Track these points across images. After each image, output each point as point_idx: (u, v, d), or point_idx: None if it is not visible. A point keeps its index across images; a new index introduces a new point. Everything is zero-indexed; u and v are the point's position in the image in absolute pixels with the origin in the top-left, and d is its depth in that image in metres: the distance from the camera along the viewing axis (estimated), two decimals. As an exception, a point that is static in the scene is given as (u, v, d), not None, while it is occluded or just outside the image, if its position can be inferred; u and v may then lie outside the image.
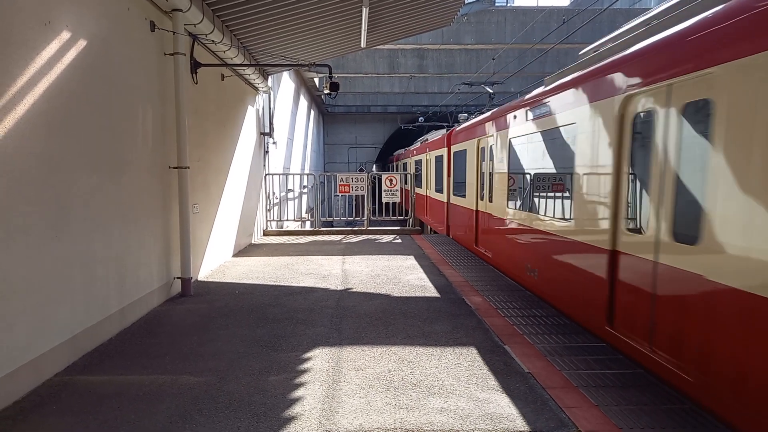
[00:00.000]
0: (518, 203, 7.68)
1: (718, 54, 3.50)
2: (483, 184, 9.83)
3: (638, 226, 4.57)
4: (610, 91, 4.92)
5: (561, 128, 6.06)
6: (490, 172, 9.17)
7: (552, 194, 6.44)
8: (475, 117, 11.99)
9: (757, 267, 3.10)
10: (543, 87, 6.83)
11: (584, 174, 5.44)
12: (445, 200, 13.91)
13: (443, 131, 15.91)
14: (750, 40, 3.20)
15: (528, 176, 7.28)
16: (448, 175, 13.53)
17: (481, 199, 9.96)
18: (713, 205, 3.50)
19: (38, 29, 4.18)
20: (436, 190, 15.51)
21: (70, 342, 4.60)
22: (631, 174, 4.67)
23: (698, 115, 3.77)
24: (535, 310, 6.26)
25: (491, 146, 9.09)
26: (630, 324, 4.53)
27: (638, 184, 4.56)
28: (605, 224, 4.97)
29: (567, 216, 5.92)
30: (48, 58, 4.28)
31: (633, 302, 4.48)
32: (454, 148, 12.74)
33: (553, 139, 6.33)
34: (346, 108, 30.51)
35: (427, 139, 19.04)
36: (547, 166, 6.57)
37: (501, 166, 8.44)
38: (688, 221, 3.82)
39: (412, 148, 23.15)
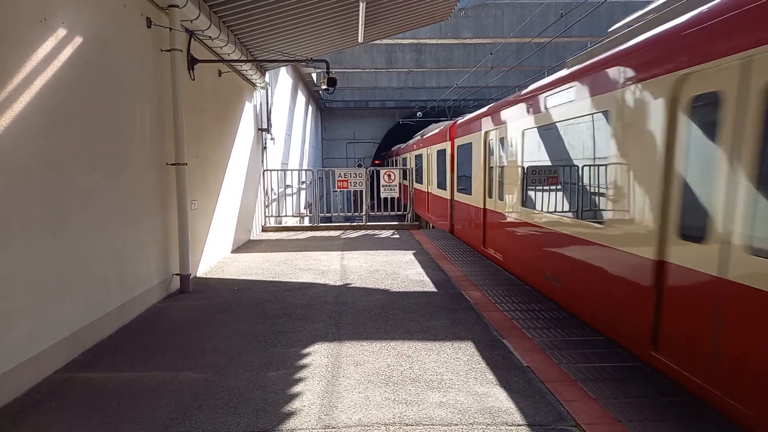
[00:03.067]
0: None
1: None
2: None
3: None
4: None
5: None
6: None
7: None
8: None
9: None
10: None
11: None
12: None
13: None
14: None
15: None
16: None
17: None
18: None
19: (34, 26, 4.16)
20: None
21: (69, 339, 4.60)
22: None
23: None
24: (533, 305, 6.27)
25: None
26: None
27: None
28: None
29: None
30: (44, 55, 4.26)
31: None
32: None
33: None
34: (344, 103, 30.47)
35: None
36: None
37: None
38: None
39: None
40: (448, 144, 13.09)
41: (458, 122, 12.45)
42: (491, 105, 9.14)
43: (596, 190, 5.28)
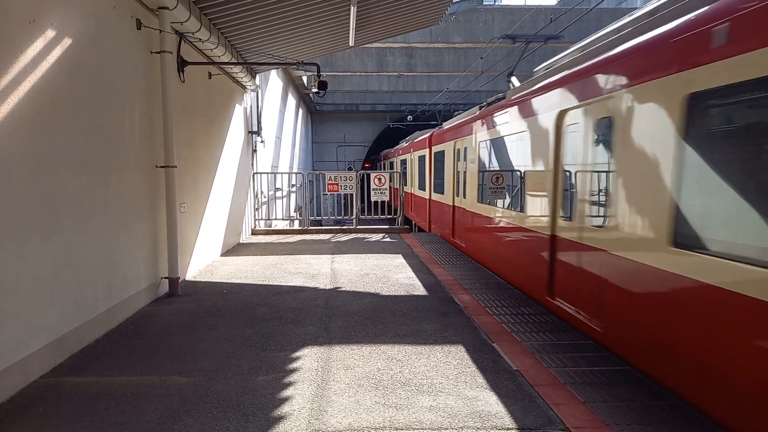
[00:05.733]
0: None
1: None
2: None
3: None
4: None
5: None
6: None
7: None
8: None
9: None
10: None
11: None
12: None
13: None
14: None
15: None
16: None
17: None
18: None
19: (23, 27, 4.13)
20: None
21: (57, 342, 4.56)
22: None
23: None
24: (523, 308, 6.30)
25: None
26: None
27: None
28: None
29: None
30: (33, 56, 4.23)
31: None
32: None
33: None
34: (334, 106, 30.45)
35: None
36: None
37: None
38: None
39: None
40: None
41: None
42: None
43: None
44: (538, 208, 6.55)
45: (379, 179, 14.34)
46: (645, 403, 3.77)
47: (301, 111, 24.84)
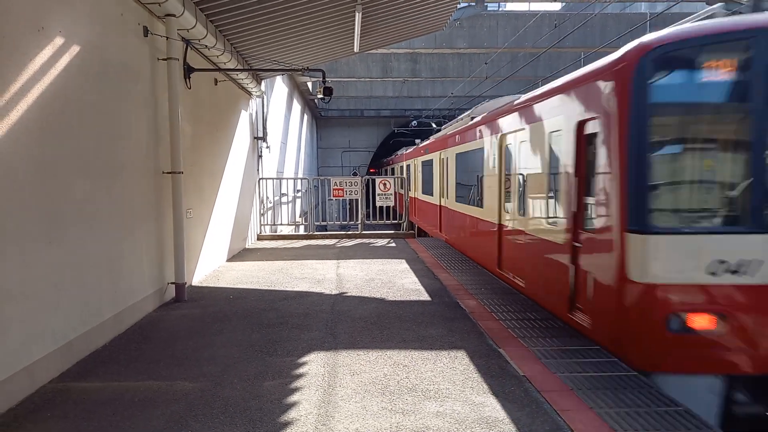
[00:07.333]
0: None
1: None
2: None
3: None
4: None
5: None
6: None
7: None
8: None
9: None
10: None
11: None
12: None
13: None
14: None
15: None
16: None
17: None
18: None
19: (31, 35, 4.17)
20: None
21: (64, 348, 4.57)
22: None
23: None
24: (529, 314, 6.28)
25: None
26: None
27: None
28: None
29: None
30: (41, 63, 4.27)
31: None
32: None
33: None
34: (339, 112, 30.56)
35: None
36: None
37: None
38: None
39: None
40: None
41: None
42: None
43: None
44: (435, 194, 14.30)
45: (384, 184, 14.36)
46: (652, 409, 3.75)
47: (306, 116, 24.92)
